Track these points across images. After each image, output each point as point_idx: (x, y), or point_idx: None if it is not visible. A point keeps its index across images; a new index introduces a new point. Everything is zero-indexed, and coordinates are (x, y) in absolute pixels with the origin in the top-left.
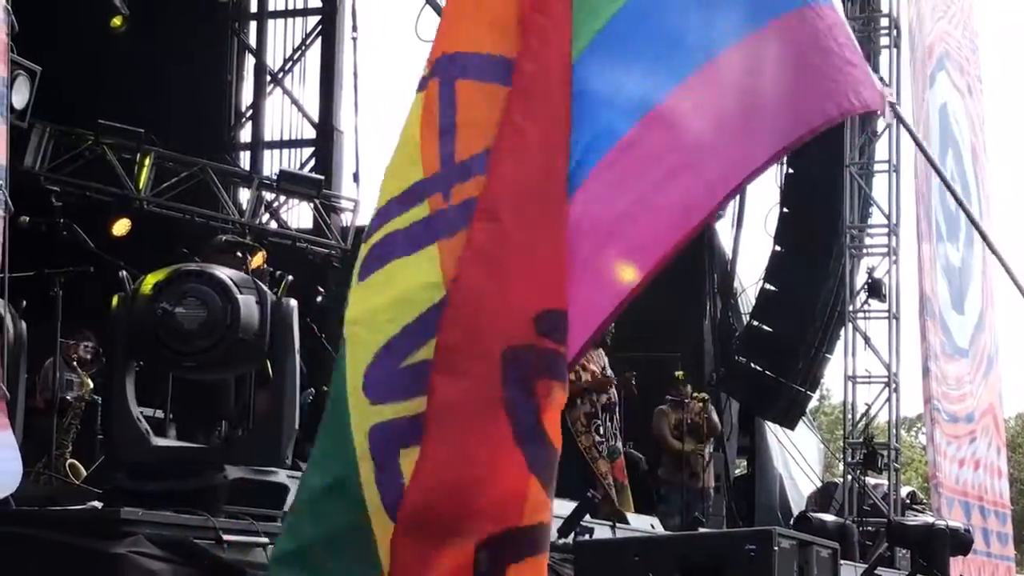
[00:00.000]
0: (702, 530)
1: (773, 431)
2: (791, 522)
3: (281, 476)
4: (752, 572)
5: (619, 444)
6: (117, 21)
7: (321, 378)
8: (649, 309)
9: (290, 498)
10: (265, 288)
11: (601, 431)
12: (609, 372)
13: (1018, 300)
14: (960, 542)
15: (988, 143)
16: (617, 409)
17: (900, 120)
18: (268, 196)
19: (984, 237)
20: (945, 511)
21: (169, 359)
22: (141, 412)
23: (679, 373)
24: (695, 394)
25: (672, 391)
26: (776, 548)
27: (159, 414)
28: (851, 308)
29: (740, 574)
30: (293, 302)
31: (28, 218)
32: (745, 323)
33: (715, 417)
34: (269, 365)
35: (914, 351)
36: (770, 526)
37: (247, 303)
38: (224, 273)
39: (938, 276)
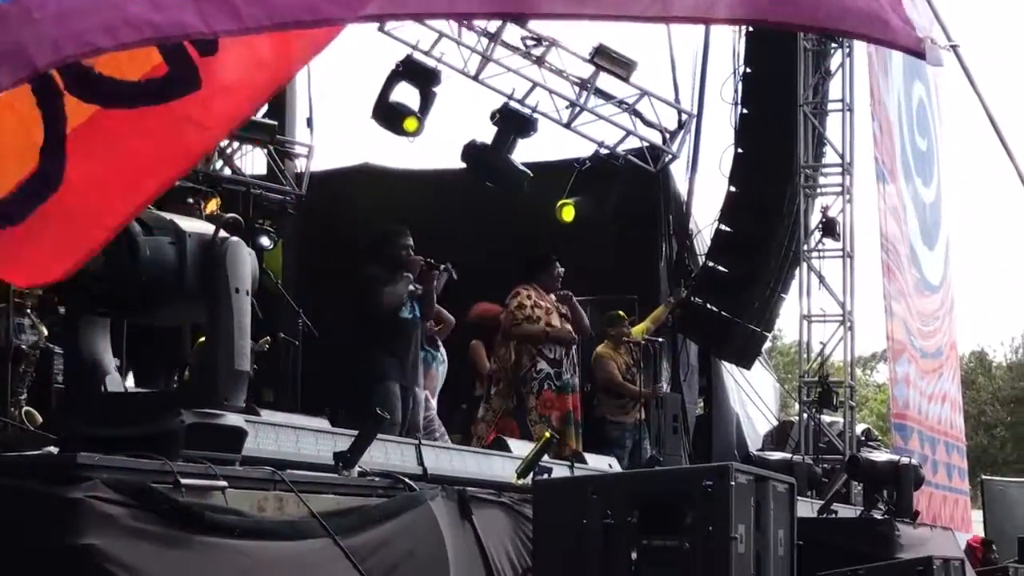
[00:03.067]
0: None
1: (730, 371)
2: None
3: (237, 419)
4: (709, 507)
5: (575, 379)
6: None
7: (276, 324)
8: (603, 251)
9: (246, 441)
10: (203, 230)
11: (538, 367)
12: (563, 310)
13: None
14: (916, 477)
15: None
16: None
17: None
18: (221, 143)
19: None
20: (916, 445)
21: (86, 304)
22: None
23: (620, 312)
24: (628, 337)
25: (612, 330)
26: (733, 483)
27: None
28: (806, 247)
29: (697, 510)
30: (237, 242)
31: None
32: (701, 264)
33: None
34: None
35: (868, 290)
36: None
37: (156, 244)
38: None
39: (908, 213)
